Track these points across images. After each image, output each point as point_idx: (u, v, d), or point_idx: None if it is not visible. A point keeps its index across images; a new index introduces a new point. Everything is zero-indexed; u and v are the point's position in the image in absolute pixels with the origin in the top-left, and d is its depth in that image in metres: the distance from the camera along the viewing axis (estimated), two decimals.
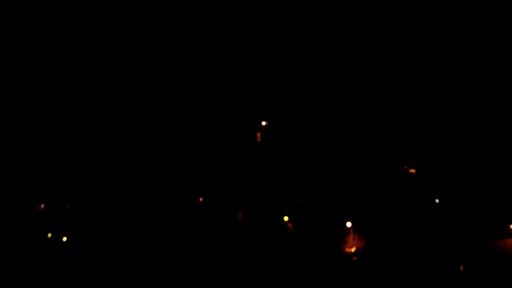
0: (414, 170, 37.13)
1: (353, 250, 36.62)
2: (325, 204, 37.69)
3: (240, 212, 38.48)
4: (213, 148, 39.47)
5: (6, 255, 37.73)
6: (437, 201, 36.66)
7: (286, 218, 37.81)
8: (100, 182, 39.34)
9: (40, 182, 39.24)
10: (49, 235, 38.30)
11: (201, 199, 38.84)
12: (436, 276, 34.96)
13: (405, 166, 37.21)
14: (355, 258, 36.53)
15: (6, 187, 39.05)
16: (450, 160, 37.16)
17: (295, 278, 36.13)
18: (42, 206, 39.03)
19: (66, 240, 38.26)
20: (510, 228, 35.49)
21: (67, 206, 39.15)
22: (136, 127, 39.70)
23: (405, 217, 36.69)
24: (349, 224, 36.99)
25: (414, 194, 36.94)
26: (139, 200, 38.87)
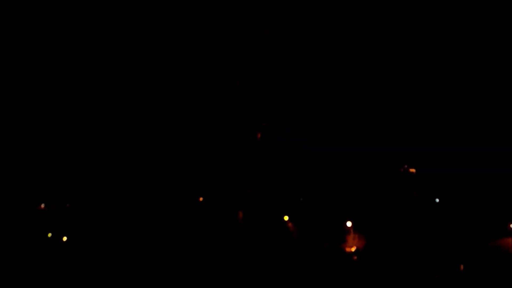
0: (414, 170, 37.10)
1: (353, 249, 36.61)
2: (325, 203, 37.67)
3: (240, 212, 38.46)
4: (213, 148, 39.46)
5: (6, 255, 37.70)
6: (437, 200, 36.65)
7: (286, 218, 37.80)
8: (100, 182, 39.30)
9: (40, 182, 39.20)
10: (49, 235, 38.29)
11: (201, 199, 38.84)
12: (436, 275, 34.98)
13: (405, 166, 37.18)
14: (356, 257, 36.52)
15: (6, 187, 39.00)
16: (450, 160, 37.10)
17: (295, 277, 36.12)
18: (42, 206, 38.99)
19: (66, 240, 38.25)
20: (511, 227, 35.48)
21: (67, 206, 39.12)
22: (136, 127, 39.67)
23: (405, 217, 36.67)
24: (349, 223, 36.98)
25: (414, 194, 36.92)
26: (139, 200, 38.84)
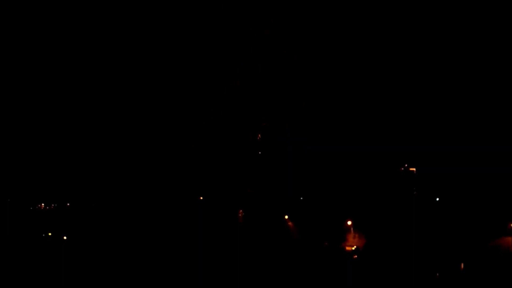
0: (414, 169, 37.07)
1: (353, 248, 36.60)
2: (325, 202, 37.66)
3: (240, 212, 38.46)
4: (213, 148, 39.46)
5: (6, 255, 37.71)
6: (437, 199, 36.65)
7: (286, 217, 37.80)
8: (100, 182, 39.32)
9: (40, 182, 39.22)
10: (49, 235, 38.33)
11: (201, 199, 38.86)
12: (437, 273, 34.95)
13: (405, 165, 37.17)
14: (356, 256, 36.51)
15: (6, 187, 39.02)
16: (450, 160, 37.06)
17: (296, 276, 36.10)
18: (42, 206, 39.02)
19: (66, 239, 38.27)
20: (511, 226, 35.47)
21: (67, 205, 39.15)
22: (136, 127, 39.68)
23: (405, 216, 36.65)
24: (349, 222, 36.98)
25: (414, 193, 36.89)
26: (139, 200, 38.85)
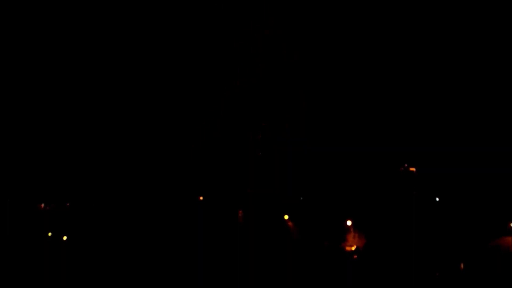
0: (414, 169, 37.09)
1: (353, 248, 36.61)
2: (325, 202, 37.67)
3: (240, 212, 38.45)
4: (213, 148, 39.46)
5: (6, 255, 37.68)
6: (437, 199, 36.66)
7: (286, 217, 37.79)
8: (99, 182, 39.30)
9: (40, 182, 39.20)
10: (49, 235, 38.30)
11: (201, 199, 38.85)
12: (436, 274, 34.96)
13: (405, 165, 37.18)
14: (356, 256, 36.52)
15: (5, 187, 38.99)
16: (450, 160, 37.09)
17: (296, 277, 36.10)
18: (42, 205, 38.98)
19: (66, 239, 38.24)
20: (511, 226, 35.48)
21: (67, 206, 39.13)
22: (136, 127, 39.68)
23: (405, 215, 36.66)
24: (349, 222, 36.98)
25: (414, 193, 36.91)
26: (139, 200, 38.84)
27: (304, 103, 39.24)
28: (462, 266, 35.07)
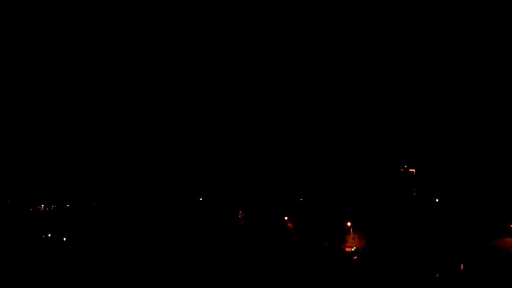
0: (414, 170, 37.06)
1: (353, 249, 36.59)
2: (325, 203, 37.65)
3: (240, 212, 38.46)
4: (213, 148, 39.45)
5: (6, 256, 37.72)
6: (437, 200, 36.64)
7: (286, 218, 37.82)
8: (99, 182, 39.32)
9: (40, 182, 39.23)
10: (49, 236, 38.35)
11: (201, 199, 38.88)
12: (436, 274, 34.92)
13: (405, 165, 37.15)
14: (355, 257, 36.49)
15: (6, 188, 39.05)
16: (450, 160, 37.05)
17: (296, 276, 36.06)
18: (42, 207, 39.04)
19: (65, 240, 38.28)
20: (511, 227, 35.45)
21: (67, 206, 39.17)
22: (136, 128, 39.69)
23: (405, 216, 36.63)
24: (349, 223, 36.98)
25: (414, 194, 36.88)
26: (139, 200, 38.86)
27: (304, 103, 39.21)
28: (462, 266, 35.04)
